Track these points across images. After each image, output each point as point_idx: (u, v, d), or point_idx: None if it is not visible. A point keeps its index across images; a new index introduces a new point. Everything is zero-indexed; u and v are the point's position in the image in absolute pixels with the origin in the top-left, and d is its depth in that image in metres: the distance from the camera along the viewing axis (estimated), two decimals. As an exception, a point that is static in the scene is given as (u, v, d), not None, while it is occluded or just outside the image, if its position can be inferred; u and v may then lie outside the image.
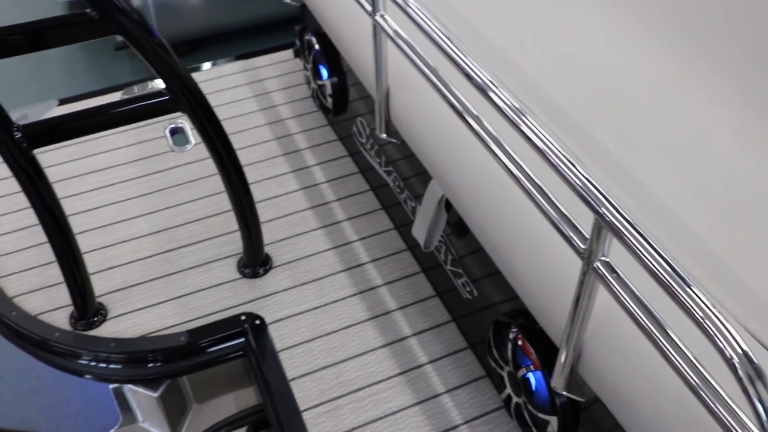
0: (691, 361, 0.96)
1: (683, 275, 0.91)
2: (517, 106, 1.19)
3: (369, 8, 1.63)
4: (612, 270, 1.05)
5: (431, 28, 1.39)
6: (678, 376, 0.97)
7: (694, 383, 0.95)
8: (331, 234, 2.27)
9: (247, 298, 2.09)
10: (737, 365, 0.83)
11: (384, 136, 1.85)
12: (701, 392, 0.94)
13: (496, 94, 1.22)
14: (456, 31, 1.82)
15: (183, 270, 2.17)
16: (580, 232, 1.10)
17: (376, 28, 1.62)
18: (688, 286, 0.90)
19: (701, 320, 0.87)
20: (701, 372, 0.95)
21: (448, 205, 1.78)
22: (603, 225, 1.00)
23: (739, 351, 0.84)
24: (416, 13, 1.43)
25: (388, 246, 2.23)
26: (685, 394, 0.98)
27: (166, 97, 1.72)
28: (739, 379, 0.83)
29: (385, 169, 2.20)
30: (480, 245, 1.52)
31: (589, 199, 1.02)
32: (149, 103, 1.77)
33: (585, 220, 1.08)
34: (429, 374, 1.90)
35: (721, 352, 0.85)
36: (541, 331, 1.41)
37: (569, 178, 1.06)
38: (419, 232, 1.88)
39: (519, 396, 1.61)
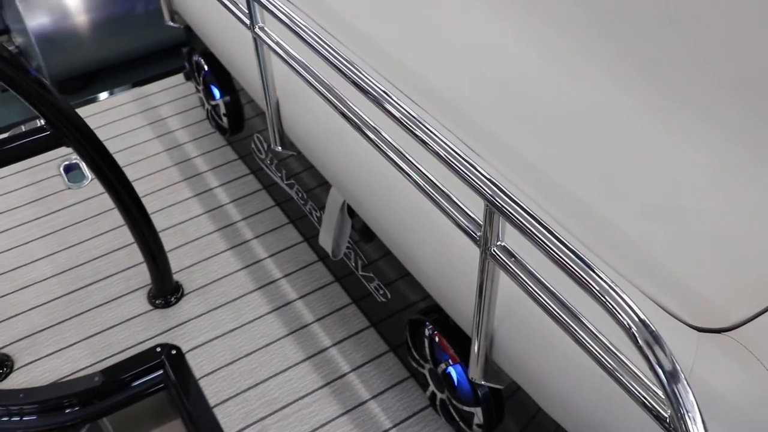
0: (595, 335, 0.98)
1: (577, 252, 0.93)
2: (402, 103, 1.20)
3: (247, 21, 1.61)
4: (510, 254, 1.07)
5: (310, 36, 1.39)
6: (584, 351, 1.00)
7: (600, 357, 0.97)
8: (241, 254, 2.24)
9: (161, 329, 2.04)
10: (636, 333, 0.86)
11: (279, 148, 1.83)
12: (607, 364, 0.97)
13: (379, 93, 1.23)
14: (337, 33, 1.84)
15: (91, 309, 2.10)
16: (475, 220, 1.11)
17: (257, 41, 1.61)
18: (583, 263, 0.92)
19: (599, 295, 0.89)
20: (606, 345, 0.97)
21: (352, 211, 1.78)
22: (493, 210, 1.02)
23: (636, 320, 0.86)
24: (294, 22, 1.43)
25: (299, 259, 2.21)
26: (594, 368, 1.00)
27: (47, 133, 1.66)
28: (639, 347, 0.85)
29: (287, 183, 2.18)
30: (387, 247, 1.52)
31: (477, 186, 1.03)
32: (29, 141, 1.71)
33: (479, 209, 1.10)
34: (353, 382, 1.89)
35: (620, 323, 0.87)
36: (454, 325, 1.42)
37: (456, 167, 1.07)
38: (326, 240, 1.87)
39: (442, 392, 1.62)
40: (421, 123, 1.15)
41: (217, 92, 2.39)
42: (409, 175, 1.22)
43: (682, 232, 1.33)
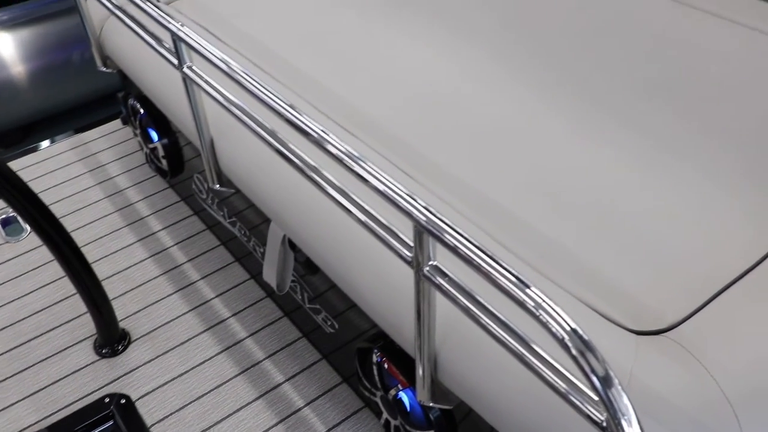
0: (532, 348, 0.99)
1: (508, 267, 0.94)
2: (329, 133, 1.20)
3: (175, 61, 1.61)
4: (443, 274, 1.07)
5: (237, 73, 1.39)
6: (523, 365, 1.00)
7: (538, 369, 0.98)
8: (188, 296, 2.21)
9: (109, 379, 2.00)
10: (569, 344, 0.86)
11: (217, 186, 1.83)
12: (546, 375, 0.97)
13: (306, 125, 1.23)
14: (265, 66, 1.85)
15: (35, 364, 2.05)
16: (407, 243, 1.12)
17: (186, 81, 1.61)
18: (515, 277, 0.93)
19: (532, 309, 0.90)
20: (543, 356, 0.98)
21: (293, 244, 1.78)
22: (422, 230, 1.02)
23: (569, 329, 0.87)
24: (221, 60, 1.43)
25: (247, 297, 2.19)
26: (535, 380, 1.01)
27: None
28: (573, 356, 0.86)
29: (230, 221, 2.17)
30: (329, 277, 1.52)
31: (403, 207, 1.04)
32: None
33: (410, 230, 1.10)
34: (308, 417, 1.87)
35: (554, 334, 0.88)
36: (401, 350, 1.42)
37: (382, 191, 1.08)
38: (270, 275, 1.86)
39: (395, 418, 1.61)
40: (346, 150, 1.16)
41: (154, 135, 2.37)
42: (340, 203, 1.22)
43: (615, 238, 1.36)
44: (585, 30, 1.94)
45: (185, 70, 1.60)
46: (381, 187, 1.08)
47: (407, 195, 1.04)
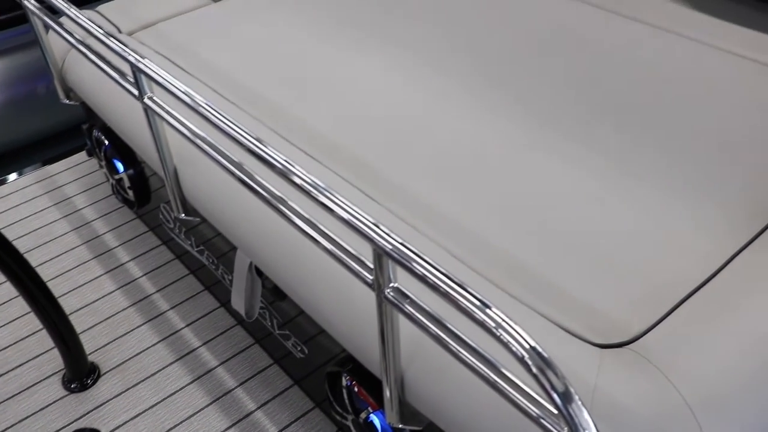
0: (495, 366, 1.00)
1: (467, 288, 0.95)
2: (289, 160, 1.21)
3: (136, 92, 1.62)
4: (404, 296, 1.08)
5: (197, 104, 1.40)
6: (486, 384, 1.01)
7: (501, 387, 0.99)
8: (158, 326, 2.19)
9: (78, 414, 1.97)
10: (529, 361, 0.87)
11: (183, 216, 1.82)
12: (509, 393, 0.98)
13: (267, 153, 1.24)
14: (227, 93, 1.86)
15: (2, 402, 2.02)
16: (368, 266, 1.13)
17: (148, 112, 1.61)
18: (474, 297, 0.94)
19: (492, 329, 0.91)
20: (506, 375, 0.99)
21: (261, 271, 1.78)
22: (381, 253, 1.03)
23: (528, 347, 0.88)
24: (180, 91, 1.44)
25: (217, 325, 2.18)
26: (500, 399, 1.01)
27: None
28: (534, 375, 0.87)
29: (198, 250, 2.16)
30: (296, 303, 1.52)
31: (363, 231, 1.05)
32: None
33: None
34: (281, 443, 1.86)
35: (514, 354, 0.89)
36: (369, 372, 1.42)
37: (343, 217, 1.09)
38: (238, 303, 1.85)
39: (368, 441, 1.61)
40: (310, 180, 1.16)
41: (119, 166, 2.36)
42: (302, 229, 1.23)
43: (577, 253, 1.38)
44: (542, 51, 1.98)
45: (146, 101, 1.60)
46: (342, 213, 1.09)
47: (366, 219, 1.05)
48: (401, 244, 1.00)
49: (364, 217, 1.06)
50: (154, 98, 1.60)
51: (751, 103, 1.74)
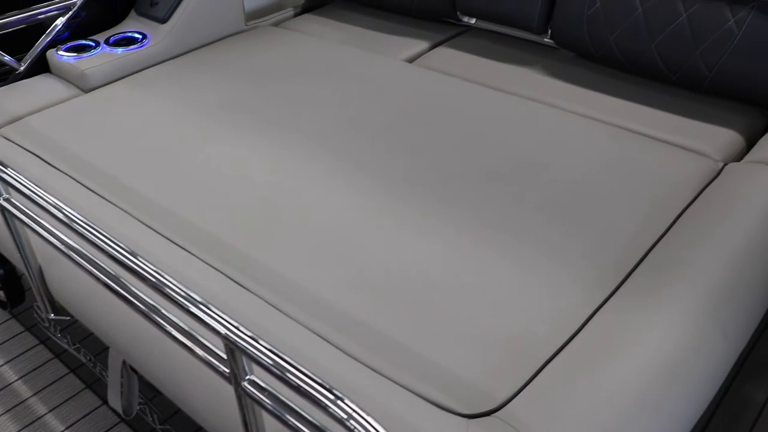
0: None
1: (319, 381, 0.96)
2: (140, 258, 1.20)
3: None
4: (261, 388, 1.08)
5: (51, 206, 1.37)
6: None
7: None
8: (35, 432, 2.10)
9: None
10: None
11: (52, 315, 1.77)
12: None
13: (122, 254, 1.23)
14: (93, 186, 1.84)
15: None
16: (224, 358, 1.12)
17: (5, 213, 1.57)
18: (327, 390, 0.94)
19: (344, 421, 0.91)
20: None
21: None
22: (233, 348, 1.03)
23: None
24: (35, 194, 1.41)
25: (99, 424, 2.10)
26: None
27: None
28: None
29: (75, 347, 2.09)
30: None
31: (212, 326, 1.05)
32: None
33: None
34: None
35: None
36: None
37: (192, 311, 1.08)
38: (115, 400, 1.80)
39: None
40: (160, 274, 1.16)
41: (-12, 266, 2.28)
42: (160, 326, 1.21)
43: (441, 323, 1.41)
44: (401, 126, 2.05)
45: (2, 202, 1.56)
46: (191, 307, 1.09)
47: (217, 313, 1.06)
48: (251, 338, 1.01)
49: (213, 311, 1.06)
50: (12, 200, 1.56)
51: (602, 164, 1.85)
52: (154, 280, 1.15)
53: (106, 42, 2.55)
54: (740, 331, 1.43)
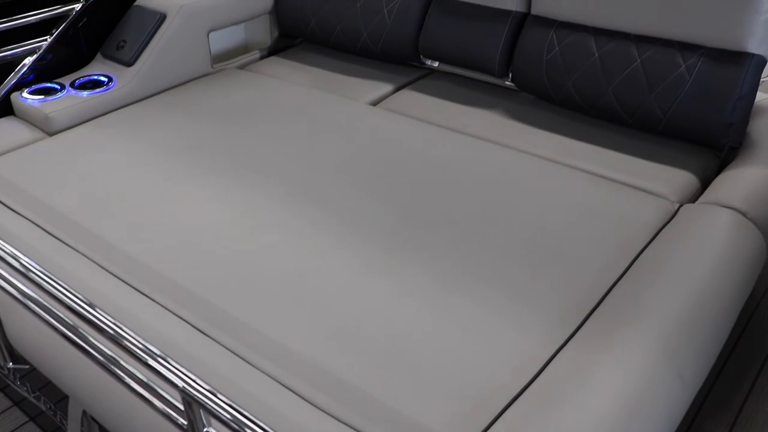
0: None
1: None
2: (88, 310, 1.20)
3: None
4: None
5: (7, 254, 1.37)
6: None
7: None
8: (-7, 483, 2.05)
9: None
10: None
11: (11, 364, 1.74)
12: None
13: (79, 304, 1.23)
14: (54, 231, 1.83)
15: None
16: (183, 410, 1.12)
17: None
18: None
19: None
20: None
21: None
22: (190, 400, 1.03)
23: None
24: None
25: (60, 474, 2.06)
26: None
27: None
28: None
29: (35, 395, 2.06)
30: None
31: (171, 378, 1.05)
32: None
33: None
34: None
35: None
36: None
37: (150, 363, 1.08)
38: (74, 451, 1.77)
39: None
40: (118, 326, 1.16)
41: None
42: (119, 377, 1.21)
43: (401, 370, 1.41)
44: (364, 172, 2.07)
45: None
46: (149, 360, 1.08)
47: (173, 366, 1.05)
48: (209, 391, 1.01)
49: (171, 364, 1.06)
50: None
51: (563, 206, 1.88)
52: (111, 331, 1.15)
53: (72, 85, 2.55)
54: (696, 372, 1.45)
